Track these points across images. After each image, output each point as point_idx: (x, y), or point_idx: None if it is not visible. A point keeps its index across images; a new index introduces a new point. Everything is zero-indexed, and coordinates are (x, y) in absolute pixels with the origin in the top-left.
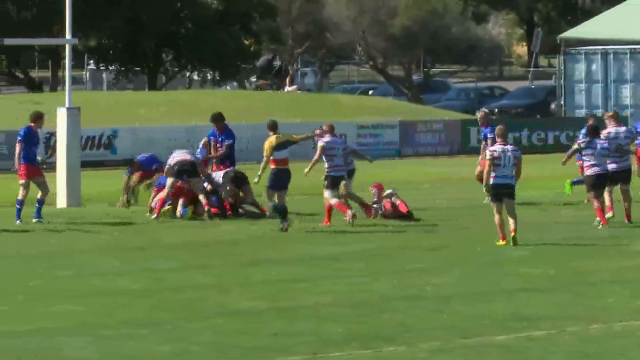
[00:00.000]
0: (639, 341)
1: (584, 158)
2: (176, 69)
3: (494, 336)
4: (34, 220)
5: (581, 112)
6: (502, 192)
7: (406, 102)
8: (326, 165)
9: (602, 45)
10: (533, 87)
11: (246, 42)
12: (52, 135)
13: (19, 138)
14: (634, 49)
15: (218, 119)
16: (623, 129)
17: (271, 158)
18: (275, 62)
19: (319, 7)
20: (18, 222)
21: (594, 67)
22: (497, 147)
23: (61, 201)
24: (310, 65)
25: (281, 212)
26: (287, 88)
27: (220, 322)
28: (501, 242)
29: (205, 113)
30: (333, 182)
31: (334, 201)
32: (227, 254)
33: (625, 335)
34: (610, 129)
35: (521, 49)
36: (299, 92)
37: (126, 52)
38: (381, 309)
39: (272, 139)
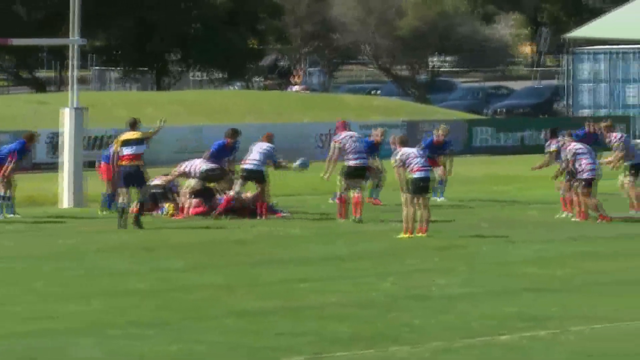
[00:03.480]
0: None
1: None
2: (184, 69)
3: (498, 336)
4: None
5: (587, 112)
6: (423, 186)
7: (412, 101)
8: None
9: (608, 45)
10: (539, 86)
11: (253, 42)
12: (55, 135)
13: (15, 153)
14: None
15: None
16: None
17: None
18: (282, 62)
19: (327, 7)
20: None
21: (600, 66)
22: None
23: (66, 201)
24: (317, 65)
25: None
26: (294, 88)
27: (227, 322)
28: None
29: (212, 113)
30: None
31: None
32: (234, 254)
33: (632, 336)
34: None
35: (527, 49)
36: (305, 91)
37: (135, 52)
38: (387, 309)
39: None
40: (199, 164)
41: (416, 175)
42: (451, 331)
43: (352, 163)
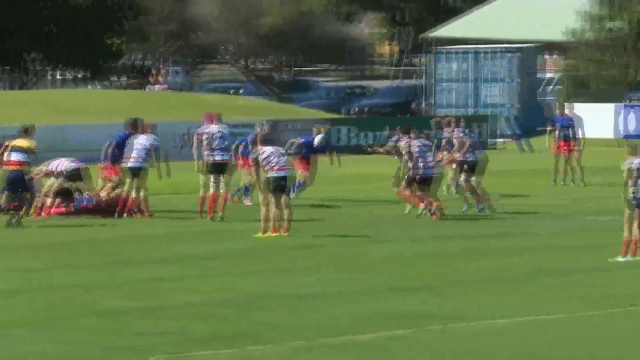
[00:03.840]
0: (503, 340)
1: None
2: (47, 68)
3: (358, 335)
4: None
5: (450, 111)
6: (282, 185)
7: (274, 101)
8: None
9: (468, 44)
10: (400, 86)
11: (116, 42)
12: None
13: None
14: (500, 48)
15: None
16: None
17: None
18: (144, 61)
19: (188, 5)
20: None
21: (460, 66)
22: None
23: None
24: (178, 64)
25: None
26: (156, 87)
27: (87, 322)
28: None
29: (74, 112)
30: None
31: None
32: (96, 253)
33: (491, 333)
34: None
35: (389, 48)
36: (167, 91)
37: None
38: (247, 308)
39: None
40: (65, 163)
41: (275, 174)
42: (312, 330)
43: (212, 159)
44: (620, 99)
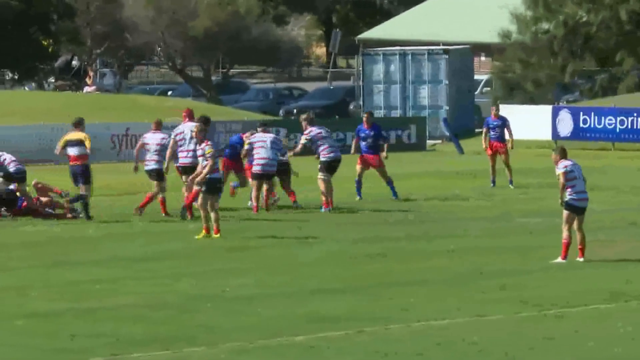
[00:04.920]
0: (437, 341)
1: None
2: None
3: (293, 336)
4: None
5: (380, 113)
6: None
7: (205, 102)
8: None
9: (400, 46)
10: (332, 87)
11: (45, 43)
12: None
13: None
14: (431, 49)
15: None
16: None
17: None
18: (74, 62)
19: (118, 7)
20: None
21: (392, 67)
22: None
23: None
24: (109, 66)
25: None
26: (86, 89)
27: (19, 324)
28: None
29: (4, 114)
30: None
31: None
32: (28, 255)
33: (424, 335)
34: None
35: (320, 50)
36: (98, 92)
37: None
38: (182, 310)
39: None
40: (11, 162)
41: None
42: (247, 332)
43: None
44: (556, 101)
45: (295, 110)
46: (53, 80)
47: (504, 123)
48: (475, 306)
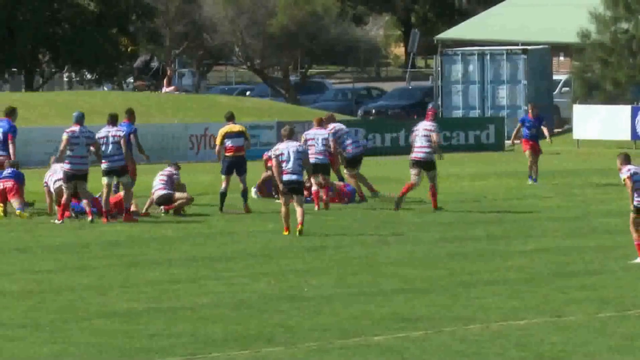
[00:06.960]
0: (516, 341)
1: None
2: (53, 70)
3: (372, 336)
4: None
5: (458, 113)
6: (292, 188)
7: (283, 103)
8: None
9: (478, 46)
10: (410, 88)
11: (124, 43)
12: None
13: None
14: (510, 49)
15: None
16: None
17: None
18: (153, 63)
19: (197, 7)
20: None
21: (470, 67)
22: (280, 146)
23: None
24: (188, 66)
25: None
26: (165, 89)
27: (99, 323)
28: (285, 233)
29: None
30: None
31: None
32: (107, 255)
33: (503, 335)
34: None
35: (399, 50)
36: (176, 92)
37: (1, 53)
38: (261, 310)
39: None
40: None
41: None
42: (325, 332)
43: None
44: (634, 101)
45: (373, 111)
46: (132, 81)
47: (540, 122)
48: (554, 306)
